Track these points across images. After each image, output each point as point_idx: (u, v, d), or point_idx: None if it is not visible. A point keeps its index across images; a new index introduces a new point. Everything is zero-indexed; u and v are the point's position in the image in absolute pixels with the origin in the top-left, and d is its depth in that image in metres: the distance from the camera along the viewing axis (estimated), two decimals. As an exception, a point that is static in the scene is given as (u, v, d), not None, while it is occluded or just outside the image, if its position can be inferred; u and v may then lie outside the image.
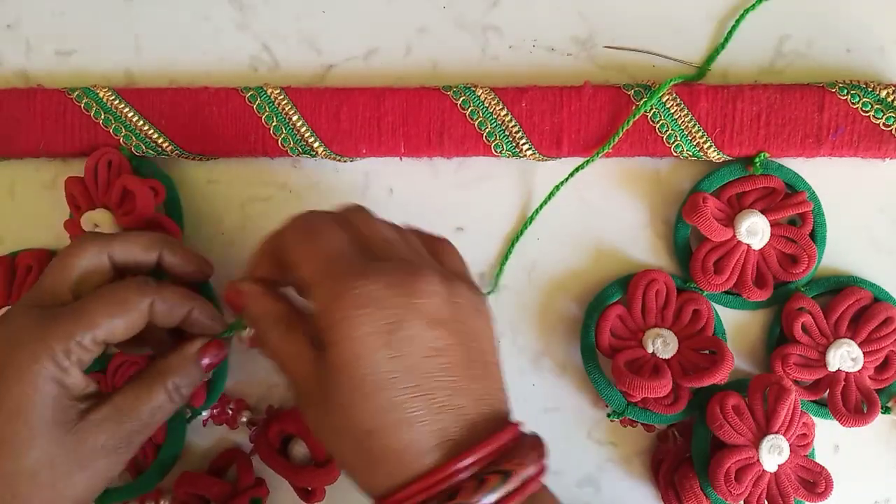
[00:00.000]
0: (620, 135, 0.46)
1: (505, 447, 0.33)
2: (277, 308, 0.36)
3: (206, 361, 0.41)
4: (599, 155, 0.46)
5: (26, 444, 0.36)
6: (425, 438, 0.32)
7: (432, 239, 0.39)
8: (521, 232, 0.48)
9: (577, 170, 0.46)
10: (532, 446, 0.34)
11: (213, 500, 0.47)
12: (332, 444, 0.34)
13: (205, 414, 0.47)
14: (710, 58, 0.48)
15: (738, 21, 0.48)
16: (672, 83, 0.46)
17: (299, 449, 0.46)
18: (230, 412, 0.47)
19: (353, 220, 0.37)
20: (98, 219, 0.45)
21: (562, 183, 0.47)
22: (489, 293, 0.48)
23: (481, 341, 0.35)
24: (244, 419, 0.47)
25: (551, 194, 0.47)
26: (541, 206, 0.47)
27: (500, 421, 0.34)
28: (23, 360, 0.36)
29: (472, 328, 0.35)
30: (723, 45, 0.48)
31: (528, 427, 0.48)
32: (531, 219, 0.47)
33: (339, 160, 0.48)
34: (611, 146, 0.46)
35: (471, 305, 0.35)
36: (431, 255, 0.38)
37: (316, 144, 0.47)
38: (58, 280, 0.39)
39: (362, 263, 0.34)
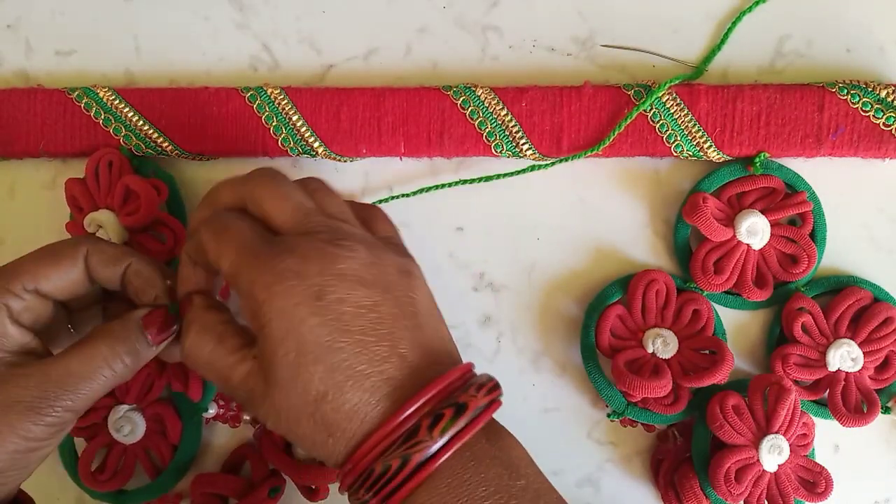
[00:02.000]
0: (613, 137, 0.46)
1: (454, 385, 0.34)
2: (219, 318, 0.37)
3: (153, 332, 0.39)
4: (586, 155, 0.46)
5: None
6: (374, 391, 0.33)
7: (363, 207, 0.40)
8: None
9: (554, 162, 0.46)
10: (482, 382, 0.34)
11: (232, 497, 0.47)
12: (289, 427, 0.34)
13: (211, 412, 0.47)
14: (707, 58, 0.48)
15: (734, 22, 0.48)
16: (668, 85, 0.46)
17: None
18: (234, 410, 0.47)
19: (263, 192, 0.37)
20: (102, 219, 0.45)
21: (530, 169, 0.47)
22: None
23: (413, 294, 0.36)
24: (247, 417, 0.47)
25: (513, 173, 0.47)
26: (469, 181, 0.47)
27: (447, 364, 0.35)
28: None
29: (401, 285, 0.35)
30: (719, 46, 0.48)
31: (528, 427, 0.48)
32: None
33: (339, 160, 0.48)
34: (600, 149, 0.46)
35: (396, 266, 0.36)
36: (362, 224, 0.38)
37: (316, 144, 0.47)
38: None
39: (274, 245, 0.34)
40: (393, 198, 0.48)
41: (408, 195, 0.48)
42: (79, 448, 0.48)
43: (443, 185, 0.48)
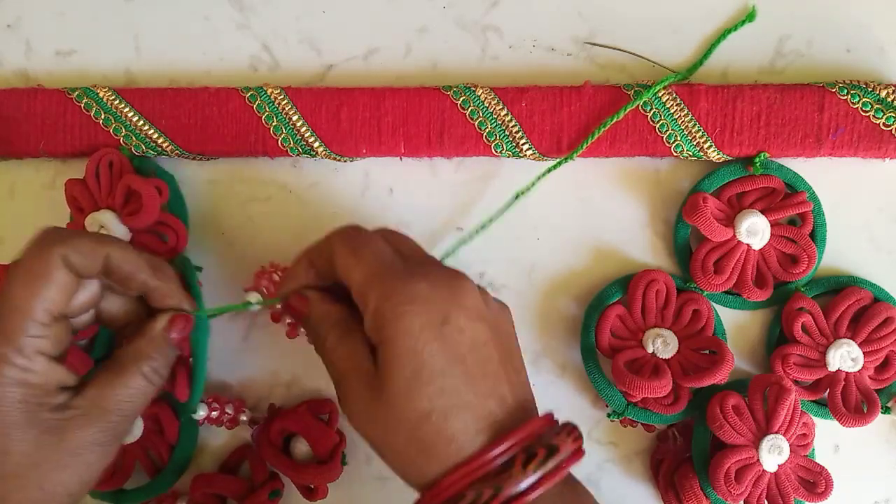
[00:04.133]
0: (594, 138, 0.46)
1: (543, 429, 0.35)
2: (336, 311, 0.39)
3: (173, 336, 0.41)
4: (575, 155, 0.47)
5: (4, 450, 0.36)
6: (474, 422, 0.34)
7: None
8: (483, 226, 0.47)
9: (548, 171, 0.46)
10: (568, 430, 0.36)
11: (231, 498, 0.47)
12: (384, 438, 0.36)
13: (201, 413, 0.46)
14: (693, 67, 0.48)
15: (719, 39, 0.48)
16: (656, 90, 0.46)
17: (301, 447, 0.46)
18: (229, 413, 0.47)
19: (389, 235, 0.40)
20: (104, 220, 0.45)
21: (535, 182, 0.47)
22: None
23: (511, 338, 0.39)
24: (244, 419, 0.47)
25: (517, 195, 0.47)
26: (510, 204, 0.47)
27: (533, 410, 0.37)
28: None
29: (504, 326, 0.38)
30: (706, 56, 0.48)
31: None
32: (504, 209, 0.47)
33: (339, 160, 0.48)
34: (583, 148, 0.46)
35: (500, 309, 0.39)
36: None
37: (316, 144, 0.47)
38: None
39: (408, 268, 0.37)
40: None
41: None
42: None
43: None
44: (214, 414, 0.47)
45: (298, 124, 0.47)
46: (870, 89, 0.45)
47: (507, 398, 0.36)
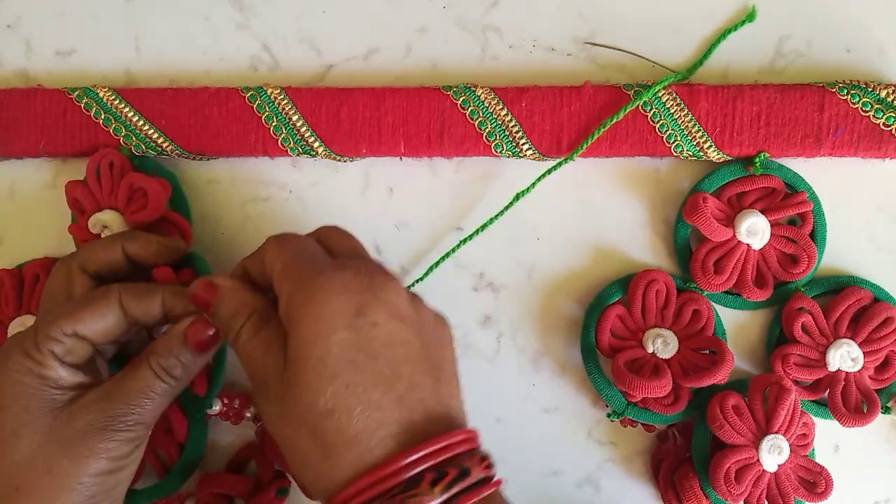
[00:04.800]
0: (595, 138, 0.46)
1: (461, 447, 0.33)
2: (252, 301, 0.37)
3: (195, 341, 0.40)
4: (575, 155, 0.47)
5: (16, 435, 0.37)
6: (382, 426, 0.32)
7: None
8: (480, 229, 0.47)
9: (549, 171, 0.46)
10: (482, 456, 0.34)
11: (238, 497, 0.47)
12: (286, 435, 0.34)
13: (215, 408, 0.47)
14: (693, 68, 0.48)
15: (719, 39, 0.48)
16: (655, 91, 0.46)
17: None
18: (235, 407, 0.47)
19: (326, 232, 0.39)
20: (107, 220, 0.45)
21: (535, 183, 0.47)
22: (416, 282, 0.48)
23: (442, 348, 0.36)
24: (248, 415, 0.47)
25: (517, 197, 0.47)
26: (508, 206, 0.47)
27: (457, 424, 0.35)
28: (1, 361, 0.38)
29: (433, 334, 0.36)
30: (706, 56, 0.48)
31: (528, 427, 0.49)
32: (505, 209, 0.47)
33: (339, 160, 0.48)
34: (583, 148, 0.46)
35: (431, 315, 0.37)
36: None
37: (316, 144, 0.47)
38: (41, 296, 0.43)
39: (332, 261, 0.36)
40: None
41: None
42: None
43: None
44: (224, 409, 0.47)
45: (298, 124, 0.47)
46: (870, 89, 0.45)
47: (423, 406, 0.33)
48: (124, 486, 0.40)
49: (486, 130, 0.46)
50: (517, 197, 0.46)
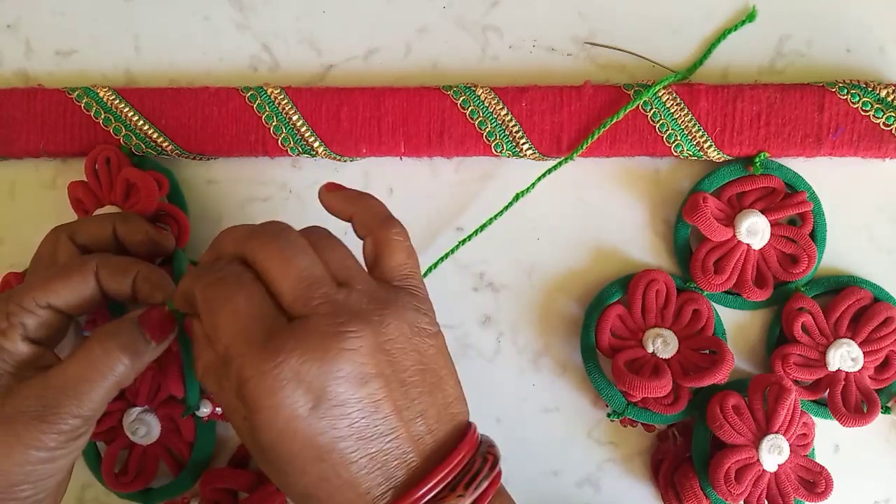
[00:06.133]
0: (595, 138, 0.46)
1: (459, 465, 0.33)
2: (210, 356, 0.34)
3: (150, 331, 0.38)
4: (576, 155, 0.47)
5: None
6: (361, 497, 0.32)
7: (375, 244, 0.37)
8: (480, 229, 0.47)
9: (549, 171, 0.46)
10: (485, 458, 0.34)
11: (242, 491, 0.47)
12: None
13: (205, 410, 0.47)
14: (693, 68, 0.48)
15: (719, 39, 0.48)
16: (653, 92, 0.46)
17: None
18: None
19: (267, 253, 0.33)
20: None
21: (535, 183, 0.47)
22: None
23: (426, 363, 0.34)
24: None
25: (517, 197, 0.47)
26: (508, 206, 0.47)
27: (462, 428, 0.35)
28: None
29: (408, 360, 0.33)
30: (705, 56, 0.48)
31: (528, 427, 0.48)
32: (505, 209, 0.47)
33: (339, 160, 0.48)
34: (584, 148, 0.46)
35: (403, 335, 0.34)
36: (373, 262, 0.37)
37: (316, 144, 0.47)
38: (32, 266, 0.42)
39: (277, 332, 0.32)
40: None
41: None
42: (101, 451, 0.48)
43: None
44: (219, 410, 0.47)
45: (298, 124, 0.47)
46: (870, 89, 0.45)
47: (409, 454, 0.33)
48: (59, 476, 0.37)
49: (486, 130, 0.46)
50: (517, 197, 0.46)
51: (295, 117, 0.47)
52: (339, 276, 0.34)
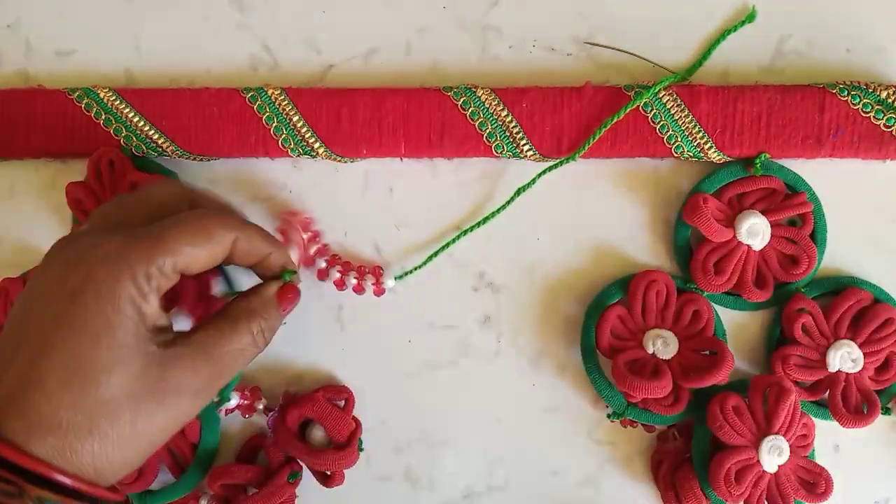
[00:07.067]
0: (595, 139, 0.46)
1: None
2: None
3: (285, 305, 0.39)
4: (577, 155, 0.47)
5: (108, 370, 0.32)
6: None
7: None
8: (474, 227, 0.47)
9: (550, 168, 0.46)
10: None
11: (250, 486, 0.47)
12: None
13: (233, 403, 0.47)
14: (693, 68, 0.48)
15: (719, 39, 0.48)
16: (652, 93, 0.46)
17: (317, 433, 0.46)
18: (248, 400, 0.47)
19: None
20: None
21: (536, 178, 0.47)
22: (408, 272, 0.48)
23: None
24: (260, 406, 0.48)
25: (517, 193, 0.47)
26: (506, 204, 0.47)
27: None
28: (104, 279, 0.33)
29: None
30: (705, 57, 0.48)
31: (528, 427, 0.49)
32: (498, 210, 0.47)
33: (340, 160, 0.48)
34: (585, 149, 0.46)
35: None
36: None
37: (317, 145, 0.47)
38: (135, 206, 0.38)
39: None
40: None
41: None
42: None
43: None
44: (243, 402, 0.47)
45: (299, 125, 0.47)
46: (870, 90, 0.45)
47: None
48: None
49: (487, 131, 0.46)
50: (518, 192, 0.46)
51: (295, 118, 0.47)
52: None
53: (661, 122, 0.46)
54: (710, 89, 0.46)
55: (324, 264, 0.48)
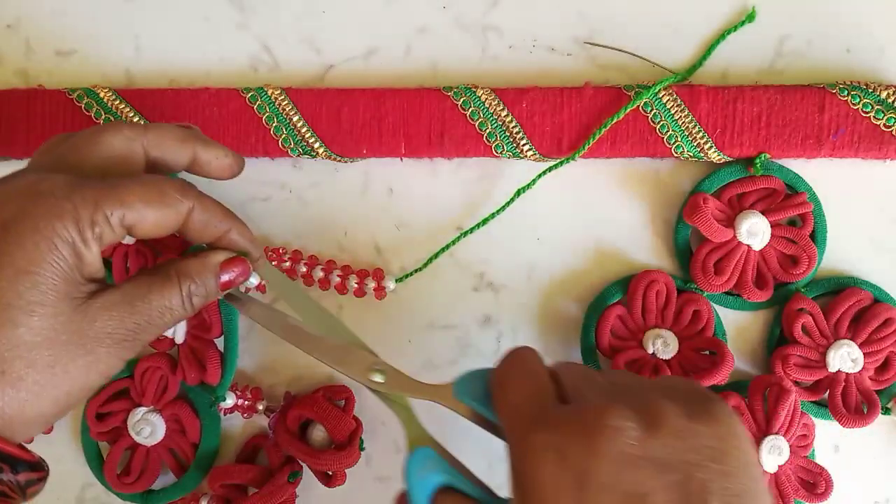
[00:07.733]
0: (595, 139, 0.46)
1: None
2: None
3: (225, 277, 0.37)
4: (577, 155, 0.47)
5: (29, 309, 0.31)
6: None
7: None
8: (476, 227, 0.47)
9: (550, 168, 0.46)
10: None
11: (251, 486, 0.47)
12: None
13: (228, 402, 0.47)
14: (692, 68, 0.48)
15: (718, 39, 0.48)
16: (651, 93, 0.46)
17: (318, 433, 0.46)
18: (248, 401, 0.48)
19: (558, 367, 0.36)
20: None
21: (536, 179, 0.47)
22: (409, 275, 0.48)
23: (723, 466, 0.30)
24: (261, 407, 0.48)
25: (518, 193, 0.47)
26: (506, 204, 0.47)
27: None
28: (43, 213, 0.31)
29: (696, 457, 0.30)
30: (705, 57, 0.48)
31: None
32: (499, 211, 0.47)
33: (340, 161, 0.48)
34: (585, 149, 0.46)
35: (689, 429, 0.30)
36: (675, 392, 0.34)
37: (317, 145, 0.47)
38: (85, 153, 0.35)
39: (544, 409, 0.32)
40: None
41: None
42: (104, 451, 0.49)
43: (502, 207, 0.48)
44: (241, 402, 0.47)
45: (299, 125, 0.47)
46: (870, 90, 0.45)
47: None
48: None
49: (487, 131, 0.46)
50: (518, 193, 0.46)
51: (295, 118, 0.47)
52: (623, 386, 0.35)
53: (661, 122, 0.46)
54: (710, 89, 0.46)
55: (321, 273, 0.48)
